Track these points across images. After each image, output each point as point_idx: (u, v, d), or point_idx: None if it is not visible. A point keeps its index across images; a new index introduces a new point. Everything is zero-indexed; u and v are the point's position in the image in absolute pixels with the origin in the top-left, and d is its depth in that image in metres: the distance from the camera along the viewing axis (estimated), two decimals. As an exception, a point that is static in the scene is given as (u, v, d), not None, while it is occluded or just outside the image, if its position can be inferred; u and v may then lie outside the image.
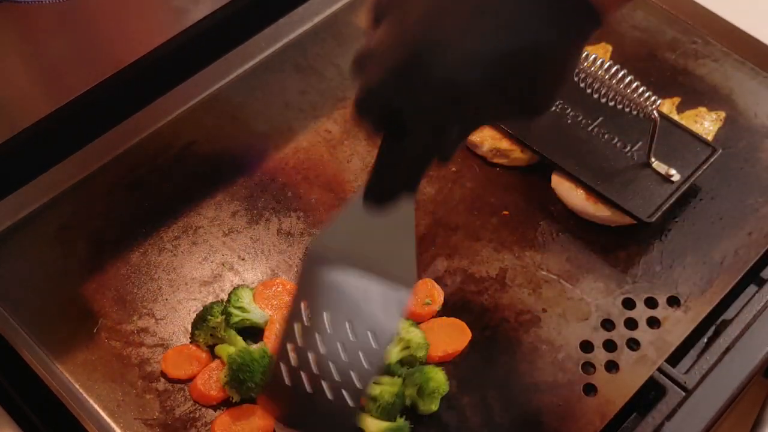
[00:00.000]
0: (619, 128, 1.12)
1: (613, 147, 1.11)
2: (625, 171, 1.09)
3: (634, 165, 1.09)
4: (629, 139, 1.11)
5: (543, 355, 0.98)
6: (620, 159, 1.09)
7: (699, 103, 1.17)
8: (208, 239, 1.08)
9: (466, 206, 1.10)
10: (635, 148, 1.10)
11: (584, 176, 1.07)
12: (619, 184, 1.07)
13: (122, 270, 1.05)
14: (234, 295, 0.98)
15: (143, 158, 1.14)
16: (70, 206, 1.10)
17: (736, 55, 1.23)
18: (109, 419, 0.94)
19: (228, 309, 0.97)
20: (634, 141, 1.11)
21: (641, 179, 1.08)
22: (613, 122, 1.12)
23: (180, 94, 1.19)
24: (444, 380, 0.93)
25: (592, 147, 1.11)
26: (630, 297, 1.02)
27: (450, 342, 0.98)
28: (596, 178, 1.07)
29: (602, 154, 1.10)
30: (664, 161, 1.09)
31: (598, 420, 0.94)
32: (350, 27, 1.27)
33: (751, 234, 1.07)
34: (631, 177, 1.08)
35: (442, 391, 0.93)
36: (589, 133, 1.12)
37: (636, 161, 1.09)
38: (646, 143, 1.08)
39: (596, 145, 1.11)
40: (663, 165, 1.08)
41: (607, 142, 1.11)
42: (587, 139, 1.11)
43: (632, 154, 1.10)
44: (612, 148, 1.11)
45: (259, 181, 1.13)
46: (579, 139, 1.11)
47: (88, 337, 1.00)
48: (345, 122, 1.18)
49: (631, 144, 1.11)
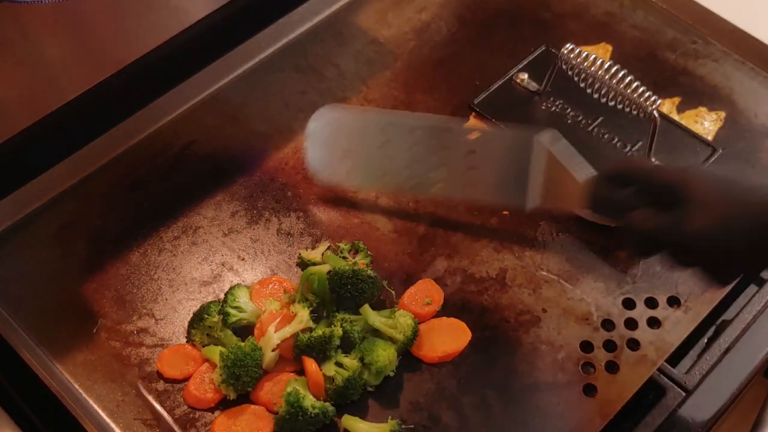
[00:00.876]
0: (619, 128, 1.12)
1: (613, 147, 1.11)
2: (625, 171, 1.08)
3: (634, 165, 1.09)
4: (629, 139, 1.11)
5: (543, 355, 0.98)
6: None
7: (699, 103, 1.17)
8: (208, 239, 1.08)
9: (466, 206, 1.10)
10: (635, 148, 1.10)
11: (584, 176, 1.07)
12: (619, 184, 1.07)
13: (122, 270, 1.05)
14: (230, 295, 0.98)
15: (143, 158, 1.14)
16: (70, 206, 1.10)
17: (736, 55, 1.23)
18: (108, 419, 0.94)
19: (225, 309, 0.97)
20: (634, 141, 1.11)
21: (641, 179, 1.08)
22: (613, 122, 1.12)
23: (180, 94, 1.19)
24: (386, 357, 0.94)
25: (592, 147, 1.11)
26: (630, 297, 1.02)
27: (450, 342, 0.98)
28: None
29: (602, 154, 1.10)
30: (664, 161, 1.08)
31: (598, 420, 0.94)
32: (350, 27, 1.27)
33: (751, 234, 1.07)
34: (631, 177, 1.08)
35: (380, 366, 0.94)
36: (589, 133, 1.12)
37: (636, 161, 1.09)
38: (646, 143, 1.08)
39: (596, 145, 1.11)
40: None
41: (607, 142, 1.11)
42: (587, 139, 1.11)
43: (632, 154, 1.10)
44: (612, 148, 1.11)
45: (259, 181, 1.13)
46: (579, 139, 1.11)
47: (88, 337, 1.00)
48: (345, 122, 1.18)
49: (631, 144, 1.11)
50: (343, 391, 0.92)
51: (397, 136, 1.03)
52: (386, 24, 1.28)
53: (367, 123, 1.05)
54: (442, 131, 1.03)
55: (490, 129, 1.04)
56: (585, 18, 1.28)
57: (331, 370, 0.93)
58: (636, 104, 1.04)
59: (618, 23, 1.27)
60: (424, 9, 1.30)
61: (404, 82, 1.22)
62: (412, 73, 1.23)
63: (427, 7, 1.30)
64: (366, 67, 1.23)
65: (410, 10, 1.30)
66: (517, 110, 1.14)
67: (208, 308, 0.98)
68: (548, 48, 1.20)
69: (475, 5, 1.30)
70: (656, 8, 1.28)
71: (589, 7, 1.30)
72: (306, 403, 0.90)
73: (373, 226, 1.08)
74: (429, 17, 1.29)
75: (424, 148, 1.02)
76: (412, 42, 1.26)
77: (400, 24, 1.28)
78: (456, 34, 1.27)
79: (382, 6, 1.30)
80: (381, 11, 1.29)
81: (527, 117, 1.14)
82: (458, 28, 1.28)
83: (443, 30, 1.27)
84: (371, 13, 1.29)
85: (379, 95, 1.20)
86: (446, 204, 1.10)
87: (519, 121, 1.13)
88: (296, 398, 0.90)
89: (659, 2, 1.29)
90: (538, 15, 1.29)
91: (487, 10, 1.30)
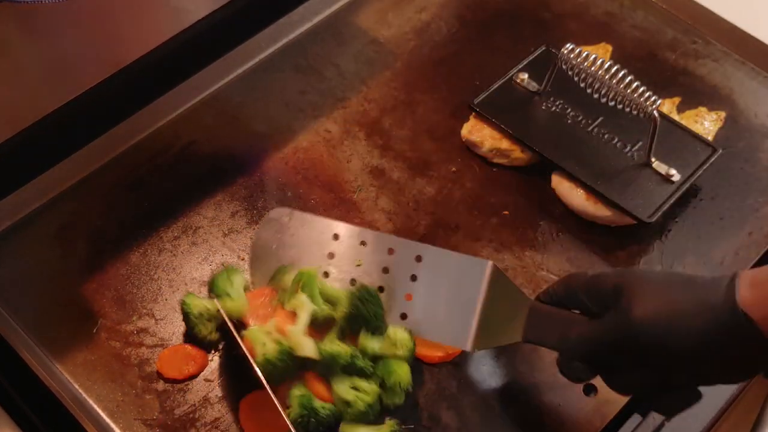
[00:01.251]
0: (619, 128, 1.12)
1: (613, 147, 1.11)
2: (625, 171, 1.09)
3: (634, 165, 1.09)
4: (629, 139, 1.11)
5: (543, 355, 0.98)
6: (620, 159, 1.10)
7: (699, 103, 1.17)
8: (208, 239, 1.08)
9: (466, 206, 1.10)
10: (635, 148, 1.10)
11: (584, 176, 1.07)
12: (619, 184, 1.07)
13: (122, 270, 1.05)
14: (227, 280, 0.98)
15: (143, 158, 1.14)
16: (70, 206, 1.10)
17: (736, 55, 1.23)
18: (108, 419, 0.94)
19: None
20: (634, 141, 1.11)
21: (641, 179, 1.08)
22: (613, 122, 1.12)
23: (180, 94, 1.19)
24: (406, 374, 0.93)
25: (592, 147, 1.11)
26: (630, 297, 1.02)
27: (450, 342, 0.98)
28: (596, 178, 1.07)
29: (602, 154, 1.10)
30: (664, 161, 1.09)
31: (598, 420, 0.94)
32: (350, 27, 1.27)
33: (751, 234, 1.07)
34: (631, 177, 1.08)
35: (404, 385, 0.93)
36: (589, 133, 1.12)
37: (636, 161, 1.09)
38: (646, 143, 1.08)
39: (596, 145, 1.11)
40: (663, 165, 1.08)
41: (607, 142, 1.11)
42: (587, 139, 1.11)
43: (632, 154, 1.10)
44: (612, 148, 1.11)
45: (259, 181, 1.13)
46: (579, 139, 1.11)
47: (88, 337, 1.00)
48: (345, 122, 1.18)
49: (631, 144, 1.11)
50: (364, 416, 0.91)
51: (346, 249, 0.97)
52: (386, 24, 1.28)
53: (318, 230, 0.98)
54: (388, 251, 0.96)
55: (437, 252, 0.94)
56: (585, 18, 1.28)
57: (350, 394, 0.92)
58: (636, 104, 1.04)
59: (618, 23, 1.27)
60: (424, 9, 1.30)
61: (404, 82, 1.22)
62: (412, 73, 1.23)
63: (427, 7, 1.30)
64: (366, 67, 1.23)
65: (410, 10, 1.30)
66: (517, 110, 1.14)
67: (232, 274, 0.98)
68: (548, 48, 1.20)
69: (475, 5, 1.30)
70: (656, 8, 1.29)
71: (589, 7, 1.30)
72: (317, 404, 0.90)
73: (373, 226, 1.08)
74: (429, 17, 1.29)
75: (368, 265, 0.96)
76: (412, 42, 1.26)
77: (400, 24, 1.28)
78: (456, 34, 1.27)
79: (382, 6, 1.30)
80: (381, 11, 1.29)
81: (527, 117, 1.14)
82: (458, 28, 1.28)
83: (443, 30, 1.27)
84: (371, 13, 1.29)
85: (379, 95, 1.20)
86: (446, 204, 1.10)
87: (519, 121, 1.13)
88: (308, 400, 0.90)
89: (659, 2, 1.29)
90: (538, 15, 1.29)
91: (487, 10, 1.30)
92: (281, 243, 0.99)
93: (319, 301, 0.96)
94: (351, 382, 0.93)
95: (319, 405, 0.90)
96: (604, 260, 1.05)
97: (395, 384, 0.92)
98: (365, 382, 0.93)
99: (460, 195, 1.11)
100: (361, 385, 0.92)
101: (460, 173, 1.13)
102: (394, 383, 0.92)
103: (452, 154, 1.15)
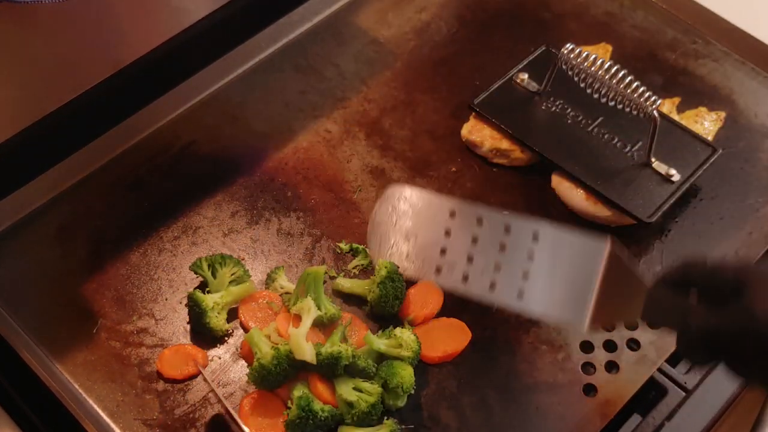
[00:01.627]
0: (619, 128, 1.12)
1: (613, 147, 1.11)
2: (625, 171, 1.09)
3: (634, 165, 1.09)
4: (629, 139, 1.11)
5: (543, 355, 0.98)
6: (620, 159, 1.10)
7: (699, 103, 1.17)
8: (208, 239, 1.08)
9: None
10: (635, 148, 1.10)
11: (584, 176, 1.07)
12: (619, 184, 1.07)
13: (122, 270, 1.05)
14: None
15: (143, 158, 1.14)
16: (70, 206, 1.10)
17: (736, 55, 1.23)
18: (108, 420, 0.94)
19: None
20: (634, 141, 1.11)
21: (641, 179, 1.08)
22: (613, 122, 1.12)
23: (180, 94, 1.19)
24: (409, 377, 0.93)
25: (592, 147, 1.11)
26: (630, 297, 1.02)
27: (450, 342, 0.98)
28: (596, 178, 1.07)
29: (602, 154, 1.10)
30: (664, 161, 1.09)
31: (598, 420, 0.94)
32: (350, 27, 1.27)
33: (751, 234, 1.07)
34: (631, 177, 1.08)
35: (407, 388, 0.93)
36: (589, 133, 1.12)
37: (636, 161, 1.09)
38: (646, 143, 1.08)
39: (596, 145, 1.11)
40: (663, 165, 1.08)
41: (607, 142, 1.11)
42: (587, 139, 1.11)
43: (632, 154, 1.10)
44: (612, 148, 1.11)
45: (259, 181, 1.13)
46: (579, 139, 1.11)
47: (88, 337, 1.00)
48: (345, 122, 1.18)
49: (631, 144, 1.11)
50: (366, 417, 0.92)
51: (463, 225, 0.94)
52: (386, 24, 1.28)
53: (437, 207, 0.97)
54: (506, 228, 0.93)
55: (554, 229, 0.90)
56: (585, 18, 1.28)
57: (352, 395, 0.92)
58: (636, 104, 1.04)
59: (618, 23, 1.27)
60: (424, 9, 1.30)
61: (404, 82, 1.22)
62: (412, 73, 1.23)
63: (427, 7, 1.30)
64: (366, 67, 1.23)
65: (410, 10, 1.30)
66: (517, 110, 1.14)
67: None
68: (548, 48, 1.19)
69: (475, 5, 1.30)
70: (656, 8, 1.29)
71: (589, 7, 1.30)
72: (316, 406, 0.90)
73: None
74: (429, 17, 1.29)
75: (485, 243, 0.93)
76: (412, 42, 1.26)
77: (400, 24, 1.28)
78: (456, 34, 1.27)
79: (382, 6, 1.30)
80: (381, 11, 1.29)
81: (527, 117, 1.14)
82: (458, 28, 1.28)
83: (443, 30, 1.27)
84: (371, 13, 1.29)
85: (379, 95, 1.20)
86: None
87: (519, 121, 1.13)
88: (307, 402, 0.90)
89: (659, 2, 1.29)
90: (538, 15, 1.29)
91: (487, 10, 1.30)
92: (400, 218, 0.99)
93: (324, 301, 0.97)
94: (354, 383, 0.93)
95: (318, 407, 0.90)
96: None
97: (397, 386, 0.92)
98: (368, 383, 0.93)
99: (460, 195, 1.11)
100: (364, 386, 0.93)
101: (460, 173, 1.13)
102: (396, 385, 0.92)
103: (452, 154, 1.15)
